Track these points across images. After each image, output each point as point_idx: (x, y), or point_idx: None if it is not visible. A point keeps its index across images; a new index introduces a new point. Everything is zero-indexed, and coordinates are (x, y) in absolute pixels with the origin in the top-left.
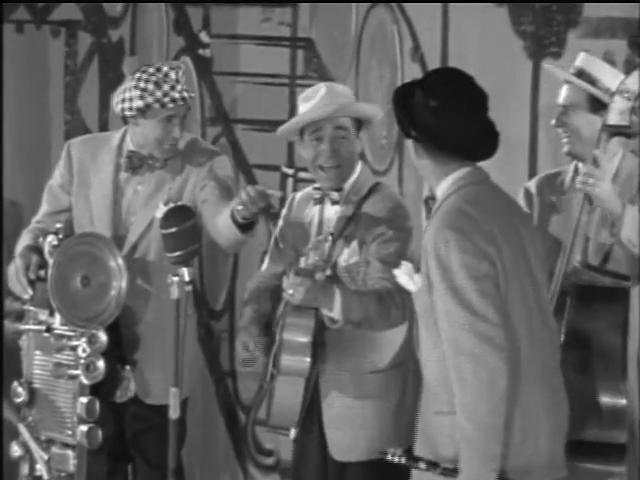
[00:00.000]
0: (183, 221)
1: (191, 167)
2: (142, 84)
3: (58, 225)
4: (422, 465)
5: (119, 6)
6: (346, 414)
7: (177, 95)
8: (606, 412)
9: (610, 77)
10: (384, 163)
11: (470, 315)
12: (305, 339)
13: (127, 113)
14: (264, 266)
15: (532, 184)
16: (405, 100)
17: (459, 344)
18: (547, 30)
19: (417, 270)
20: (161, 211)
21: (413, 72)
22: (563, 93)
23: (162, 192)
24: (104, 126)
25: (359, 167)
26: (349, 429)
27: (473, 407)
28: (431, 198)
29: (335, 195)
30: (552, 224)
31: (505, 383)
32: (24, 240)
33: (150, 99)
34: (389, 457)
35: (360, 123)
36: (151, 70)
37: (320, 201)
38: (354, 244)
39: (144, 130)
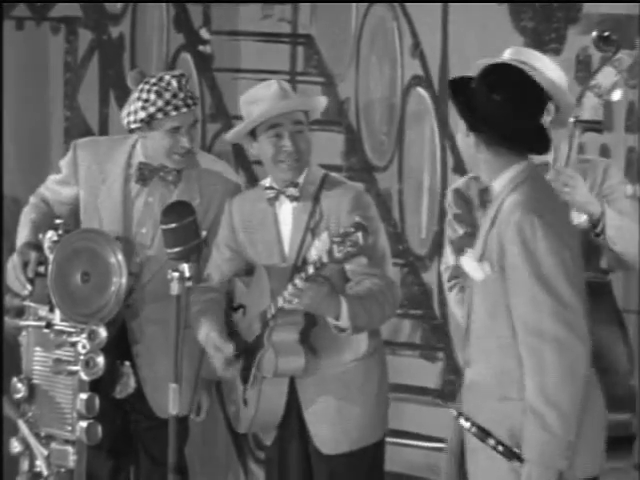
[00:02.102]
0: (183, 217)
1: (210, 194)
2: (144, 95)
3: (57, 221)
4: (491, 442)
5: (119, 3)
6: (331, 407)
7: (180, 103)
8: (615, 405)
9: (543, 65)
10: (384, 159)
11: (557, 302)
12: (295, 336)
13: (132, 126)
14: (208, 273)
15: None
16: (465, 95)
17: (544, 331)
18: (547, 26)
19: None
20: None
21: (413, 68)
22: None
23: None
24: (104, 123)
25: (307, 165)
26: (337, 421)
27: (555, 394)
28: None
29: (293, 191)
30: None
31: (585, 372)
32: (25, 222)
33: (152, 109)
34: (462, 422)
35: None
36: (153, 80)
37: (274, 200)
38: (324, 236)
39: (152, 142)
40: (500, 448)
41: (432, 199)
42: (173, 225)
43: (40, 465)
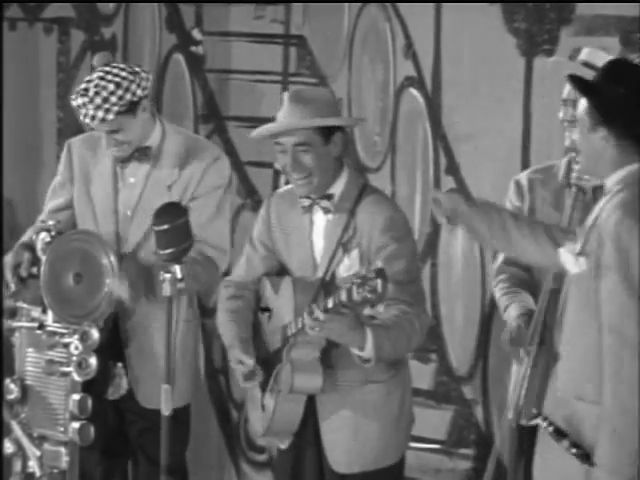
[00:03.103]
0: (175, 218)
1: (192, 170)
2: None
3: (50, 222)
4: (565, 443)
5: (112, 4)
6: (348, 424)
7: (88, 120)
8: None
9: None
10: (376, 160)
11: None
12: (315, 354)
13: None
14: (240, 270)
15: (523, 177)
16: (591, 91)
17: (626, 335)
18: (540, 28)
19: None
20: None
21: (406, 69)
22: (569, 88)
23: (158, 187)
24: None
25: (345, 172)
26: (352, 441)
27: (628, 401)
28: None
29: (326, 204)
30: (544, 218)
31: None
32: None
33: (80, 115)
34: (539, 421)
35: (330, 130)
36: (83, 84)
37: (309, 209)
38: (354, 253)
39: None
40: (574, 450)
41: (425, 200)
42: (165, 226)
43: (33, 466)
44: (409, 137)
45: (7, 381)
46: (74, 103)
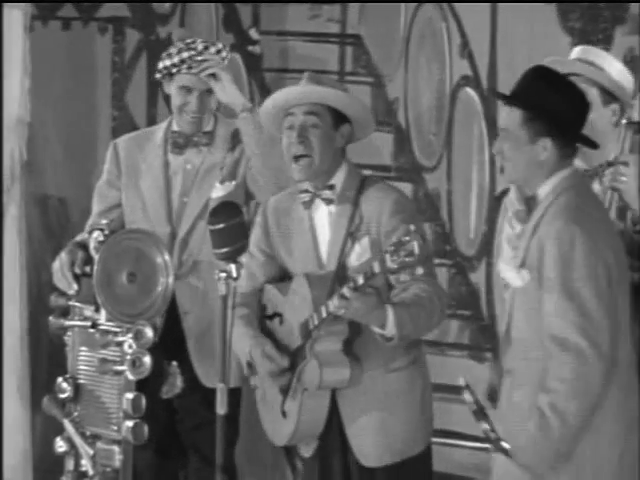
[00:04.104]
0: (231, 217)
1: (242, 145)
2: (172, 49)
3: (104, 221)
4: (485, 426)
5: (168, 4)
6: (374, 419)
7: (195, 64)
8: None
9: (610, 65)
10: (433, 159)
11: (582, 315)
12: (339, 346)
13: (156, 75)
14: (241, 282)
15: None
16: (529, 102)
17: (566, 340)
18: (594, 27)
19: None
20: (217, 190)
21: (461, 68)
22: None
23: (213, 171)
24: (152, 122)
25: (345, 164)
26: (380, 434)
27: (564, 405)
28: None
29: (328, 193)
30: None
31: (599, 390)
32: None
33: (168, 62)
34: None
35: (339, 117)
36: (188, 40)
37: (309, 204)
38: (364, 241)
39: (172, 99)
40: (493, 434)
41: (480, 199)
42: (221, 225)
43: (86, 464)
44: (465, 136)
45: (59, 380)
46: (168, 62)
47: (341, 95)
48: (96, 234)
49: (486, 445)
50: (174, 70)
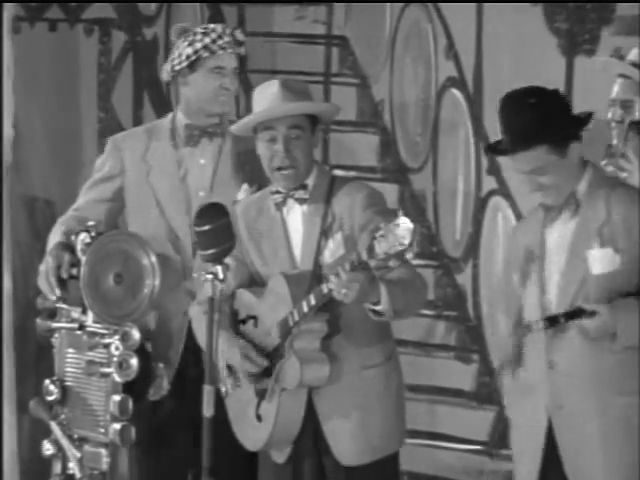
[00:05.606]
0: (217, 219)
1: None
2: (190, 37)
3: (90, 223)
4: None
5: (153, 5)
6: (352, 417)
7: (226, 44)
8: None
9: None
10: (418, 160)
11: None
12: (317, 343)
13: (177, 68)
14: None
15: None
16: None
17: None
18: (581, 27)
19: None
20: (244, 192)
21: (447, 70)
22: (617, 88)
23: (229, 160)
24: (138, 124)
25: (315, 165)
26: (359, 432)
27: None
28: None
29: (302, 193)
30: None
31: None
32: (57, 231)
33: (199, 45)
34: None
35: (315, 121)
36: (199, 28)
37: (281, 206)
38: (338, 237)
39: (196, 87)
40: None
41: (466, 200)
42: (207, 227)
43: (73, 467)
44: (451, 138)
45: (47, 382)
46: (198, 45)
47: (322, 106)
48: (83, 236)
49: (474, 447)
50: (205, 54)
